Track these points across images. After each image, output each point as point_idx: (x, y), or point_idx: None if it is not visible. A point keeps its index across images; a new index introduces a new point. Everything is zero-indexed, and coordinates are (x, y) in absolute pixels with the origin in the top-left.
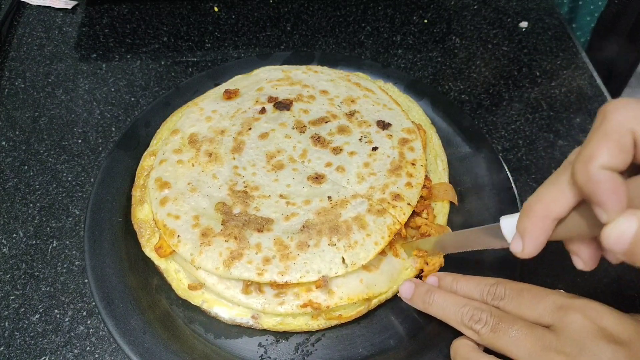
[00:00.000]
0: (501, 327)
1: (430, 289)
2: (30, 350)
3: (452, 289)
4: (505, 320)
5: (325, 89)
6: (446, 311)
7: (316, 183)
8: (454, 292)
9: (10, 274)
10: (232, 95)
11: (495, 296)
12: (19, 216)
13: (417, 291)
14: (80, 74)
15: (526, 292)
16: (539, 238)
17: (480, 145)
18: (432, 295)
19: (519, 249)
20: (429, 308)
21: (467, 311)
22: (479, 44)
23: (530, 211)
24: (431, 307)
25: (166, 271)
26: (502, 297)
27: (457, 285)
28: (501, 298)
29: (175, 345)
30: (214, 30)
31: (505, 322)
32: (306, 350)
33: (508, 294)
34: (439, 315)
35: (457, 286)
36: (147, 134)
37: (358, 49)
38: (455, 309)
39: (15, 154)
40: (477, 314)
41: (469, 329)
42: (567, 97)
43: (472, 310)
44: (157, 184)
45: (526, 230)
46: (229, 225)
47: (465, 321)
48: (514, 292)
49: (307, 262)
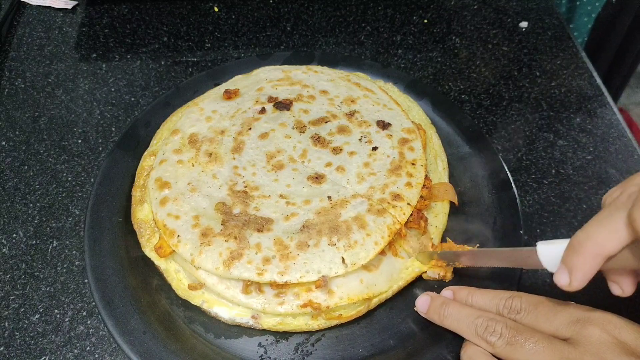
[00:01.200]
0: (518, 339)
1: (445, 301)
2: (30, 350)
3: (468, 302)
4: (522, 333)
5: (325, 89)
6: (460, 323)
7: (316, 183)
8: (470, 305)
9: (10, 274)
10: (232, 95)
11: (512, 309)
12: (19, 216)
13: (433, 304)
14: (80, 74)
15: (543, 305)
16: (587, 274)
17: (480, 145)
18: (447, 308)
19: (565, 283)
20: (444, 321)
21: (482, 322)
22: (479, 44)
23: (581, 248)
24: (446, 319)
25: (166, 271)
26: (519, 311)
27: (473, 298)
28: (517, 312)
29: (175, 345)
30: (214, 30)
31: (522, 335)
32: (306, 350)
33: (524, 308)
34: (453, 327)
35: (473, 299)
36: (147, 134)
37: (358, 49)
38: (470, 321)
39: (15, 154)
40: (491, 325)
41: (484, 340)
42: (567, 97)
43: (486, 321)
44: (157, 184)
45: (576, 267)
46: (229, 225)
47: (480, 333)
48: (531, 305)
49: (307, 262)
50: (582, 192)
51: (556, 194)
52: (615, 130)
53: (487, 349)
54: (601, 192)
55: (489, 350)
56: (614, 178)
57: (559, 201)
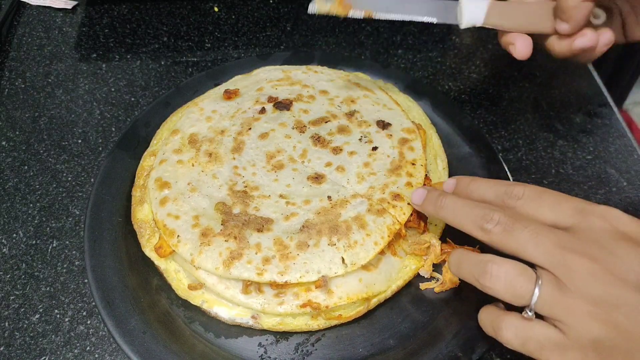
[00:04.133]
0: (516, 226)
1: (442, 193)
2: (30, 350)
3: (468, 190)
4: (520, 221)
5: (325, 89)
6: (457, 213)
7: (316, 183)
8: (469, 194)
9: (10, 274)
10: (232, 95)
11: (513, 195)
12: (19, 216)
13: (429, 196)
14: (80, 74)
15: (547, 194)
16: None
17: (480, 145)
18: (444, 199)
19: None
20: (440, 211)
21: (479, 211)
22: (478, 44)
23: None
24: (442, 210)
25: (166, 271)
26: (520, 197)
27: (473, 185)
28: (519, 197)
29: (175, 345)
30: (214, 30)
31: (521, 222)
32: (306, 350)
33: (528, 195)
34: (449, 218)
35: (473, 186)
36: (147, 134)
37: (358, 49)
38: (467, 210)
39: (15, 154)
40: (489, 213)
41: (480, 229)
42: (567, 97)
43: (484, 209)
44: (157, 184)
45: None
46: (228, 225)
47: (476, 221)
48: (535, 193)
49: (306, 262)
50: (582, 192)
51: None
52: (615, 130)
53: (483, 238)
54: (601, 192)
55: (486, 240)
56: (613, 178)
57: None
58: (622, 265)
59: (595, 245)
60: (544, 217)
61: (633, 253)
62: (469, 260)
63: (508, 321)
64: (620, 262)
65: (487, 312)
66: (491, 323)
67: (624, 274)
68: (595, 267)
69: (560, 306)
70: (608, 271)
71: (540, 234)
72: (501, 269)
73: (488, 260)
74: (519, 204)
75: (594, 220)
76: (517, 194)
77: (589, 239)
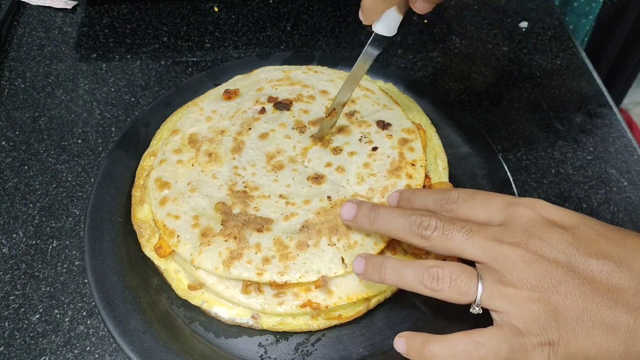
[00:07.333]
0: (453, 228)
1: (375, 205)
2: (30, 350)
3: (409, 202)
4: (455, 222)
5: (325, 89)
6: (392, 223)
7: (316, 183)
8: (411, 205)
9: (10, 274)
10: (232, 95)
11: (450, 200)
12: (19, 216)
13: (361, 209)
14: (80, 74)
15: (478, 195)
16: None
17: (480, 145)
18: (377, 211)
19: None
20: (374, 224)
21: (415, 219)
22: (479, 44)
23: None
24: (377, 222)
25: (166, 271)
26: (455, 200)
27: (414, 196)
28: (454, 201)
29: (175, 345)
30: (214, 30)
31: (456, 224)
32: (306, 350)
33: (461, 197)
34: (385, 229)
35: (414, 197)
36: (147, 134)
37: (358, 49)
38: (402, 219)
39: (15, 154)
40: (425, 220)
41: (419, 236)
42: (567, 97)
43: (420, 217)
44: (157, 184)
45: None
46: (228, 225)
47: (414, 229)
48: (467, 195)
49: (306, 262)
50: (582, 191)
51: (556, 193)
52: (615, 130)
53: (422, 244)
54: (601, 192)
55: (425, 246)
56: (613, 178)
57: (559, 201)
58: (551, 248)
59: (526, 233)
60: (478, 216)
61: (560, 236)
62: (411, 268)
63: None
64: (549, 246)
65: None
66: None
67: (555, 255)
68: (528, 254)
69: (503, 297)
70: (540, 256)
71: (474, 232)
72: (445, 271)
73: (432, 265)
74: (455, 207)
75: (522, 211)
76: (453, 198)
77: (519, 229)
